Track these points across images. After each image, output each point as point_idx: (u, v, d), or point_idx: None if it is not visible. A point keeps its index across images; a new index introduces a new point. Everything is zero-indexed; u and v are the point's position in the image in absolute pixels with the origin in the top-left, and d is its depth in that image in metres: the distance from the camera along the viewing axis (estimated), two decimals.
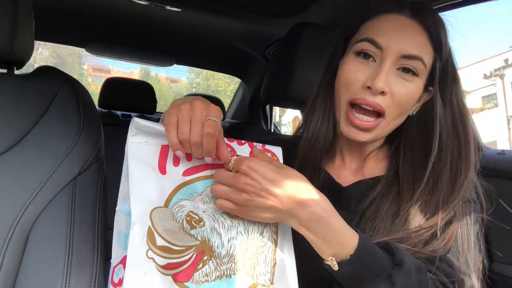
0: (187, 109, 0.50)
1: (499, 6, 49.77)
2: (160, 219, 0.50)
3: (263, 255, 0.54)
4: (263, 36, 1.74)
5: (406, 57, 0.61)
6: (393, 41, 0.61)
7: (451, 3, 1.06)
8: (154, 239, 0.48)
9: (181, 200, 0.52)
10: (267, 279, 0.53)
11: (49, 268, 0.59)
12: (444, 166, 0.62)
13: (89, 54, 2.00)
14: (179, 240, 0.49)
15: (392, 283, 0.51)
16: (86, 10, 1.59)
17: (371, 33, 0.63)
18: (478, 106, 15.91)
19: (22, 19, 0.70)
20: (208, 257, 0.51)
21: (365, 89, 0.61)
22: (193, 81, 23.02)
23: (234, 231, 0.54)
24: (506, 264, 1.09)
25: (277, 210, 0.52)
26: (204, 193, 0.54)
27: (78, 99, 0.73)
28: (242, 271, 0.52)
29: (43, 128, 0.68)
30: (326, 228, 0.52)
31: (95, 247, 0.63)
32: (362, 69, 0.62)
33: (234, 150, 0.56)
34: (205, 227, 0.52)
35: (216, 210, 0.54)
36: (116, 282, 0.51)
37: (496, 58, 15.90)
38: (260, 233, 0.55)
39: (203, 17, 1.55)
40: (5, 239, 0.60)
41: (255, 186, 0.51)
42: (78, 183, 0.67)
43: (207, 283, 0.49)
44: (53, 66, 0.78)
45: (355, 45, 0.64)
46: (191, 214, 0.52)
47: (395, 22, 0.63)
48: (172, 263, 0.48)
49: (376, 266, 0.51)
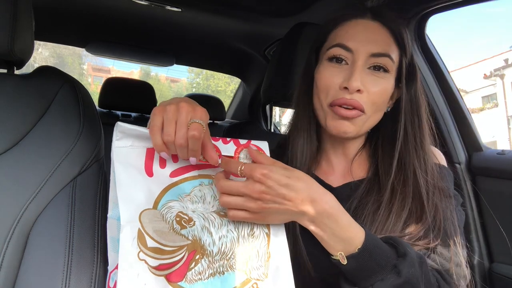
0: (173, 110, 0.51)
1: (499, 6, 49.80)
2: (150, 220, 0.50)
3: (255, 250, 0.55)
4: (263, 36, 1.74)
5: (376, 56, 0.66)
6: (361, 43, 0.66)
7: (451, 3, 1.06)
8: (145, 241, 0.48)
9: (169, 201, 0.53)
10: (261, 273, 0.54)
11: (49, 268, 0.59)
12: (409, 156, 0.67)
13: (89, 54, 2.00)
14: (170, 241, 0.50)
15: (398, 273, 0.52)
16: (86, 10, 1.59)
17: (340, 39, 0.68)
18: (478, 106, 15.90)
19: (22, 19, 0.70)
20: (200, 256, 0.51)
21: (343, 90, 0.65)
22: (193, 81, 23.02)
23: (224, 229, 0.54)
24: (506, 264, 1.09)
25: (291, 212, 0.54)
26: (192, 193, 0.55)
27: (78, 99, 0.73)
28: (235, 267, 0.52)
29: (43, 128, 0.68)
30: (335, 224, 0.54)
31: (95, 247, 0.63)
32: (337, 73, 0.67)
33: (219, 150, 0.56)
34: (196, 227, 0.52)
35: (205, 209, 0.54)
36: (112, 286, 0.52)
37: (496, 58, 15.90)
38: (250, 229, 0.56)
39: (203, 17, 1.55)
40: (5, 239, 0.60)
41: (271, 193, 0.52)
42: (78, 183, 0.67)
43: (201, 281, 0.50)
44: (53, 66, 0.78)
45: (327, 52, 0.69)
46: (180, 214, 0.52)
47: (360, 26, 0.68)
48: (164, 264, 0.48)
49: (382, 257, 0.54)
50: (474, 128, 1.21)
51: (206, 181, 0.57)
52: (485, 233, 1.15)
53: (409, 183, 0.66)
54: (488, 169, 1.14)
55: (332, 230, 0.54)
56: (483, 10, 54.88)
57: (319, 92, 0.69)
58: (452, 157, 1.18)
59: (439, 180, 0.68)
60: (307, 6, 1.34)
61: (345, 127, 0.66)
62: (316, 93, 0.70)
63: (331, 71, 0.67)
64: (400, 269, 0.53)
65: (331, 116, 0.67)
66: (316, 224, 0.54)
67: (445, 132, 1.19)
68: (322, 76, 0.68)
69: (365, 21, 0.69)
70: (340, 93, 0.65)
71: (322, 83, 0.68)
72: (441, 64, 1.23)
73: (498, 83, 15.43)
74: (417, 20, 1.17)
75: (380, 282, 0.53)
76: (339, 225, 0.54)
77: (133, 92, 2.01)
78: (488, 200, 1.13)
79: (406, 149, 0.68)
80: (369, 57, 0.66)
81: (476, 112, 15.37)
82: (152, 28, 1.74)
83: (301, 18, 1.37)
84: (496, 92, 15.62)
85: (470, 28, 53.52)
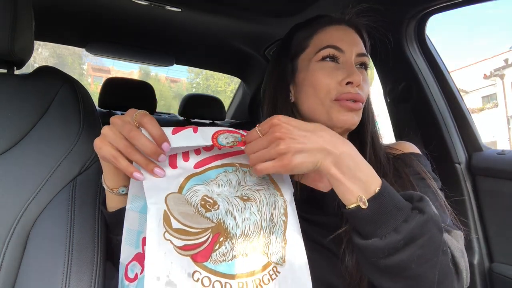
0: (112, 130, 0.52)
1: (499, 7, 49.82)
2: (175, 203, 0.51)
3: (275, 235, 0.56)
4: (263, 36, 1.74)
5: (361, 55, 0.73)
6: (348, 44, 0.72)
7: (451, 3, 1.06)
8: (170, 222, 0.49)
9: (194, 185, 0.54)
10: (279, 258, 0.55)
11: (49, 268, 0.59)
12: (375, 141, 0.75)
13: (89, 54, 2.00)
14: (195, 223, 0.51)
15: (421, 210, 0.51)
16: (86, 10, 1.59)
17: (328, 41, 0.72)
18: (478, 106, 15.91)
19: (22, 19, 0.70)
20: (224, 238, 0.52)
21: (345, 85, 0.69)
22: (193, 81, 23.03)
23: (247, 212, 0.55)
24: (506, 264, 1.09)
25: (314, 152, 0.53)
26: (218, 178, 0.56)
27: (78, 99, 0.73)
28: (258, 249, 0.54)
29: (43, 128, 0.68)
30: (356, 165, 0.54)
31: (95, 247, 0.63)
32: (335, 69, 0.70)
33: (244, 136, 0.58)
34: (220, 210, 0.53)
35: (230, 193, 0.56)
36: (131, 277, 0.52)
37: (496, 58, 15.90)
38: (271, 215, 0.57)
39: (203, 17, 1.55)
40: (5, 239, 0.60)
41: (292, 132, 0.53)
42: (78, 183, 0.67)
43: (225, 262, 0.51)
44: (53, 66, 0.78)
45: (317, 54, 0.72)
46: (205, 198, 0.53)
47: (341, 30, 0.74)
48: (189, 245, 0.50)
49: (400, 200, 0.53)
50: (474, 128, 1.21)
51: (230, 169, 0.58)
52: (485, 233, 1.15)
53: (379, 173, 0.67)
54: (488, 169, 1.14)
55: (353, 172, 0.53)
56: (484, 11, 54.89)
57: (317, 92, 0.70)
58: (452, 157, 1.18)
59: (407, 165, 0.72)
60: (307, 6, 1.34)
61: (354, 119, 0.70)
62: (312, 94, 0.71)
63: (328, 69, 0.70)
64: (421, 207, 0.52)
65: (337, 109, 0.69)
66: (338, 165, 0.54)
67: (445, 132, 1.19)
68: (319, 75, 0.70)
69: (343, 26, 0.75)
70: (344, 88, 0.69)
71: (321, 82, 0.70)
72: (441, 64, 1.23)
73: (498, 83, 15.43)
74: (417, 20, 1.17)
75: (405, 223, 0.50)
76: (359, 166, 0.54)
77: (133, 92, 2.01)
78: (488, 200, 1.13)
79: (374, 137, 0.75)
80: (356, 56, 0.72)
81: (476, 112, 15.38)
82: (152, 28, 1.74)
83: (301, 18, 1.37)
84: (496, 92, 15.62)
85: (470, 28, 53.51)
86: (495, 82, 15.60)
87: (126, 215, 0.55)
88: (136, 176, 0.51)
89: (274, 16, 1.47)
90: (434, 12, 1.13)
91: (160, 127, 0.51)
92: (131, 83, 2.09)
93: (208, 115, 2.22)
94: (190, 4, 1.42)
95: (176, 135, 0.53)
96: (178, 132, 0.54)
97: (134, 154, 0.50)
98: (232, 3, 1.39)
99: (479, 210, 1.16)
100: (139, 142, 0.50)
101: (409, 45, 1.22)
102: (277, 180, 0.61)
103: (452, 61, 45.22)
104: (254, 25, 1.60)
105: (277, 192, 0.60)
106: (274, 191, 0.60)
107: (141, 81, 2.12)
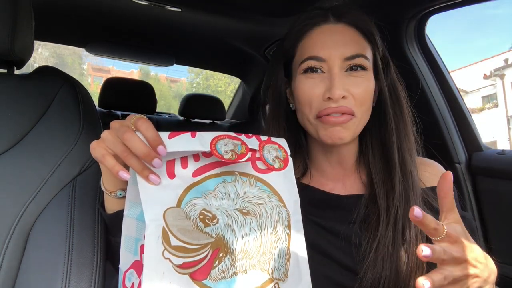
0: (110, 134, 0.51)
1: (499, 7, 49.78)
2: (174, 218, 0.50)
3: (277, 250, 0.54)
4: (263, 36, 1.74)
5: (349, 59, 0.64)
6: (332, 49, 0.64)
7: (451, 3, 1.06)
8: (168, 239, 0.48)
9: (193, 198, 0.52)
10: (282, 273, 0.53)
11: (49, 268, 0.59)
12: (402, 148, 0.68)
13: (89, 54, 2.00)
14: (194, 239, 0.50)
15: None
16: (86, 10, 1.59)
17: (310, 50, 0.66)
18: (478, 106, 15.90)
19: (22, 19, 0.70)
20: (224, 254, 0.51)
21: (327, 100, 0.63)
22: (193, 81, 23.02)
23: (247, 228, 0.53)
24: (506, 264, 1.08)
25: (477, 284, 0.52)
26: (217, 190, 0.54)
27: (78, 99, 0.73)
28: (257, 266, 0.52)
29: (43, 128, 0.68)
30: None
31: (95, 247, 0.63)
32: (317, 83, 0.65)
33: (245, 143, 0.56)
34: (219, 224, 0.52)
35: (229, 206, 0.54)
36: (128, 286, 0.51)
37: (496, 58, 15.89)
38: (273, 228, 0.55)
39: (203, 17, 1.55)
40: (5, 239, 0.60)
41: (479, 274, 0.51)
42: (78, 183, 0.67)
43: (224, 280, 0.50)
44: (53, 66, 0.78)
45: (300, 66, 0.67)
46: (204, 212, 0.52)
47: (326, 31, 0.67)
48: (188, 262, 0.48)
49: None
50: (474, 128, 1.21)
51: (229, 178, 0.56)
52: (485, 233, 1.15)
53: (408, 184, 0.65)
54: (488, 169, 1.14)
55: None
56: (484, 12, 54.88)
57: (302, 107, 0.67)
58: (452, 157, 1.18)
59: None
60: (307, 6, 1.34)
61: (339, 133, 0.64)
62: (299, 109, 0.68)
63: (309, 83, 0.65)
64: None
65: (322, 126, 0.65)
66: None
67: (445, 132, 1.19)
68: (302, 89, 0.66)
69: (329, 25, 0.67)
70: (324, 103, 0.64)
71: (304, 97, 0.66)
72: (441, 64, 1.23)
73: (498, 83, 15.42)
74: (417, 20, 1.17)
75: None
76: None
77: (133, 92, 2.01)
78: (488, 200, 1.13)
79: (399, 143, 0.68)
80: (343, 61, 0.64)
81: (476, 112, 15.37)
82: (152, 28, 1.74)
83: None
84: (496, 92, 15.61)
85: (470, 28, 53.49)
86: (495, 82, 15.59)
87: (124, 221, 0.54)
88: (121, 175, 0.50)
89: (274, 16, 1.47)
90: (434, 12, 1.13)
91: (155, 130, 0.50)
92: (131, 83, 2.09)
93: (208, 115, 2.23)
94: (190, 4, 1.42)
95: (173, 140, 0.51)
96: (174, 137, 0.52)
97: (130, 158, 0.49)
98: (232, 3, 1.39)
99: (479, 210, 1.16)
100: (133, 144, 0.48)
101: (409, 45, 1.22)
102: (280, 191, 0.58)
103: (452, 61, 45.18)
104: (254, 25, 1.60)
105: (280, 203, 0.57)
106: (277, 203, 0.57)
107: (141, 81, 2.12)
